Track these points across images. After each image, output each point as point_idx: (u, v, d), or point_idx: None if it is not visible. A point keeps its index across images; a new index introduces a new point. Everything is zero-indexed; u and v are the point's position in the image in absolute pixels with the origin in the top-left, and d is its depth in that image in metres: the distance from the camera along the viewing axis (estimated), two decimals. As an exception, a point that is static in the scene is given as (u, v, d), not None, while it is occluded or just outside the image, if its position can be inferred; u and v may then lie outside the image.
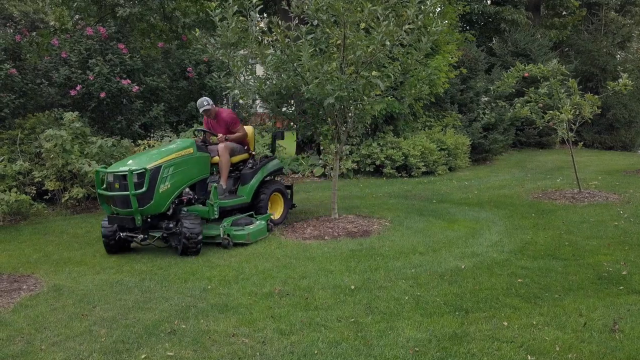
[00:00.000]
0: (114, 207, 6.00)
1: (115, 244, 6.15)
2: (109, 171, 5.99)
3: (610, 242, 6.15)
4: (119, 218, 5.98)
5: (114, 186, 5.87)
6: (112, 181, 5.90)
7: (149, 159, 6.06)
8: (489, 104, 14.80)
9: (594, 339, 3.73)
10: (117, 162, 6.29)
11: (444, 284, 4.92)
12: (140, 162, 6.02)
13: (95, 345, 3.88)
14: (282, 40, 6.29)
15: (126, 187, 5.76)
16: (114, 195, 5.88)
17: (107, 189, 5.97)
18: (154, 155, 6.19)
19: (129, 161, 6.14)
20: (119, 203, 5.91)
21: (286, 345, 3.78)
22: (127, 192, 5.76)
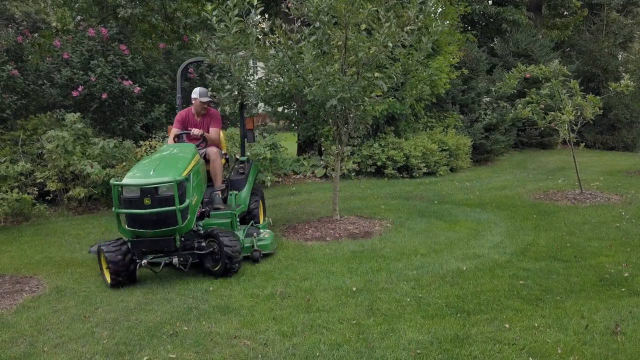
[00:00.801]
0: (140, 228, 4.97)
1: (129, 276, 5.08)
2: (141, 184, 4.88)
3: (612, 243, 6.14)
4: (150, 242, 5.02)
5: (143, 202, 4.86)
6: (139, 196, 4.88)
7: (175, 168, 5.18)
8: (490, 104, 14.79)
9: (596, 341, 3.73)
10: (132, 174, 5.10)
11: (446, 285, 4.92)
12: (168, 171, 5.07)
13: (97, 347, 3.89)
14: (285, 42, 6.29)
15: (161, 202, 4.88)
16: (147, 213, 4.87)
17: (130, 207, 4.91)
18: (174, 162, 5.32)
19: (150, 171, 5.07)
20: (150, 222, 4.92)
21: (288, 347, 3.78)
22: (169, 208, 4.88)
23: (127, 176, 5.07)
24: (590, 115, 8.69)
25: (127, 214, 4.97)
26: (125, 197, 4.93)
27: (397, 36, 6.25)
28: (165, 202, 4.90)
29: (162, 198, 4.89)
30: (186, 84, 10.89)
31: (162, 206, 4.88)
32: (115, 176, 8.63)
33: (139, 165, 5.34)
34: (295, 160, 12.38)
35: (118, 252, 5.01)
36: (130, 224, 5.01)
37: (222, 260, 5.21)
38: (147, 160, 5.47)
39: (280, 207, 8.74)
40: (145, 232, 5.00)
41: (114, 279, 5.04)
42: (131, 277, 5.11)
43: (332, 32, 6.42)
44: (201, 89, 6.36)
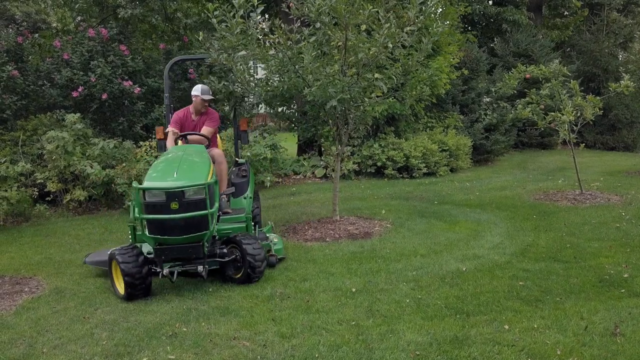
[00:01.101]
0: (166, 235, 4.67)
1: (146, 287, 4.76)
2: (168, 187, 4.59)
3: (611, 244, 6.14)
4: (177, 249, 4.73)
5: (170, 207, 4.57)
6: (165, 201, 4.58)
7: (199, 170, 4.96)
8: (490, 104, 14.78)
9: (595, 343, 3.73)
10: (154, 177, 4.80)
11: (445, 286, 4.92)
12: (193, 173, 4.86)
13: (96, 348, 3.89)
14: (285, 42, 6.29)
15: (190, 207, 4.62)
16: (177, 219, 4.59)
17: (155, 212, 4.61)
18: (194, 165, 5.07)
19: (172, 174, 4.80)
20: (177, 228, 4.63)
21: (287, 348, 3.78)
22: (200, 212, 4.65)
23: (149, 179, 4.74)
24: (590, 116, 8.68)
25: (152, 219, 4.63)
26: (148, 202, 4.60)
27: (397, 37, 6.25)
28: (194, 206, 4.63)
29: (190, 202, 4.62)
30: (186, 85, 10.90)
31: (192, 210, 4.61)
32: (115, 177, 8.64)
33: (157, 168, 4.99)
34: (296, 161, 12.38)
35: (135, 262, 4.65)
36: (154, 231, 4.66)
37: (245, 268, 4.99)
38: (163, 163, 5.11)
39: (280, 208, 8.74)
40: (172, 238, 4.67)
41: (130, 292, 4.68)
42: (147, 289, 4.78)
43: (333, 33, 6.42)
44: (203, 86, 6.16)
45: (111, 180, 8.69)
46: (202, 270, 4.85)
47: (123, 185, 8.59)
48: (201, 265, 4.84)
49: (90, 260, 5.55)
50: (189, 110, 6.18)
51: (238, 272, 5.08)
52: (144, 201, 4.62)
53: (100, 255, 5.54)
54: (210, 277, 5.30)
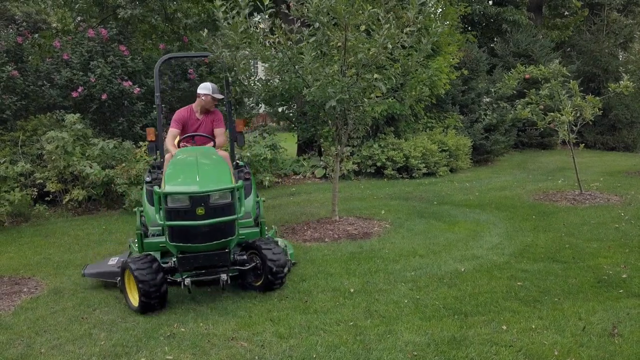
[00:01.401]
0: (191, 243, 4.40)
1: (161, 297, 4.45)
2: (201, 191, 4.34)
3: (610, 244, 6.14)
4: (203, 256, 4.48)
5: (196, 212, 4.31)
6: (190, 206, 4.32)
7: (222, 173, 4.71)
8: (490, 105, 14.77)
9: (593, 343, 3.73)
10: (174, 182, 4.50)
11: (444, 287, 4.92)
12: (216, 177, 4.61)
13: (94, 348, 3.90)
14: (285, 42, 6.29)
15: (215, 212, 4.37)
16: (204, 224, 4.34)
17: (179, 218, 4.36)
18: (215, 168, 4.82)
19: (191, 178, 4.53)
20: (204, 235, 4.38)
21: (285, 349, 3.79)
22: (228, 217, 4.45)
23: (170, 184, 4.46)
24: (589, 116, 8.68)
25: (176, 226, 4.36)
26: (171, 208, 4.33)
27: (397, 37, 6.25)
28: (221, 211, 4.40)
29: (217, 207, 4.37)
30: (185, 85, 10.90)
31: (218, 216, 4.38)
32: (115, 177, 8.65)
33: (176, 172, 4.68)
34: (295, 161, 12.39)
35: (149, 269, 4.37)
36: (179, 238, 4.40)
37: (265, 275, 4.74)
38: (180, 167, 4.80)
39: (280, 208, 8.74)
40: (198, 246, 4.41)
41: (144, 303, 4.36)
42: (163, 300, 4.48)
43: (332, 33, 6.42)
44: (213, 84, 5.76)
45: (111, 181, 8.70)
46: (225, 278, 4.57)
47: (123, 186, 8.60)
48: (224, 274, 4.58)
49: (89, 273, 5.21)
50: (192, 108, 5.81)
51: (258, 279, 4.84)
52: (166, 207, 4.35)
53: (100, 267, 5.29)
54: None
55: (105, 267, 5.21)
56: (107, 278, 5.10)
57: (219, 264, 4.58)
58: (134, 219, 8.04)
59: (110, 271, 5.11)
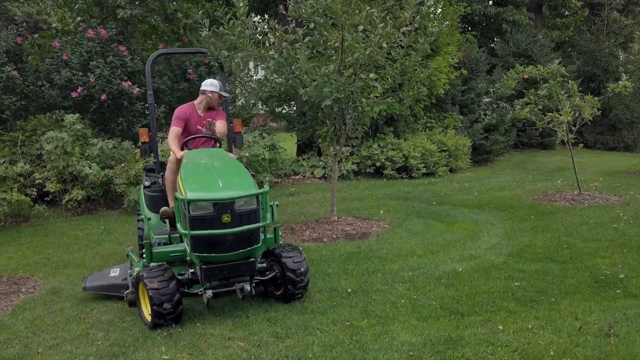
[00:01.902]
0: (217, 253, 4.11)
1: (179, 312, 4.16)
2: (226, 198, 4.03)
3: (608, 244, 6.14)
4: (229, 267, 4.18)
5: (222, 220, 4.01)
6: (214, 213, 4.02)
7: (244, 178, 4.40)
8: (490, 105, 14.77)
9: (589, 344, 3.73)
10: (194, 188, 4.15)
11: (441, 287, 4.93)
12: (239, 182, 4.30)
13: (91, 348, 3.91)
14: (280, 43, 6.30)
15: (242, 219, 4.08)
16: (230, 233, 4.05)
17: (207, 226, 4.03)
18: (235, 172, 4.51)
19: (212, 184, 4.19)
20: (230, 243, 4.09)
21: (281, 349, 3.79)
22: (255, 225, 4.17)
23: (191, 190, 4.12)
24: (588, 116, 8.68)
25: (203, 235, 4.04)
26: (194, 216, 4.01)
27: (393, 37, 6.26)
28: (247, 218, 4.12)
29: (242, 213, 4.09)
30: (185, 85, 10.92)
31: (245, 223, 4.10)
32: (114, 177, 8.66)
33: (194, 177, 4.36)
34: (295, 161, 12.40)
35: (164, 281, 4.08)
36: (203, 248, 4.08)
37: (285, 286, 4.51)
38: (196, 171, 4.48)
39: (279, 208, 8.66)
40: (224, 256, 4.13)
41: (157, 319, 4.08)
42: (179, 315, 4.18)
43: (329, 33, 6.43)
44: (218, 81, 5.42)
45: (110, 181, 8.71)
46: (248, 289, 4.30)
47: (122, 186, 8.61)
48: (246, 284, 4.32)
49: (91, 286, 4.89)
50: (194, 105, 5.43)
51: (279, 289, 4.59)
52: (189, 215, 4.02)
53: (102, 279, 4.98)
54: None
55: (108, 280, 4.92)
56: (110, 292, 4.85)
57: (246, 274, 4.30)
58: (132, 219, 8.08)
59: (114, 284, 4.86)
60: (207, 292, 4.21)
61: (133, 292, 4.45)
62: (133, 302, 4.45)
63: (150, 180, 5.34)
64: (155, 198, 5.13)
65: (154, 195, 5.16)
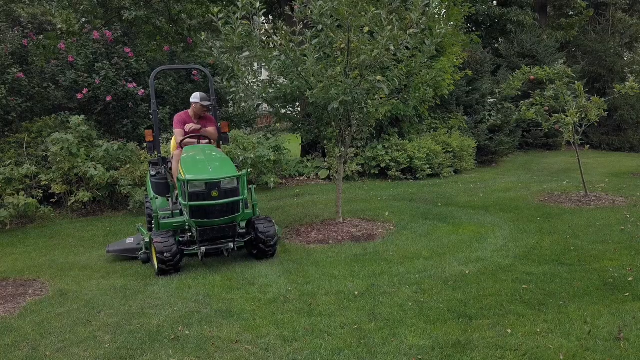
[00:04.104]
0: (208, 219, 5.50)
1: (177, 263, 5.56)
2: (214, 178, 5.45)
3: (616, 247, 6.10)
4: (218, 229, 5.62)
5: (211, 195, 5.42)
6: (205, 190, 5.42)
7: (226, 165, 5.76)
8: (495, 105, 14.73)
9: (599, 348, 3.71)
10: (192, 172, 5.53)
11: (448, 289, 4.91)
12: (223, 167, 5.66)
13: (99, 351, 3.91)
14: (287, 44, 6.30)
15: (226, 194, 5.49)
16: (218, 204, 5.45)
17: (200, 199, 5.42)
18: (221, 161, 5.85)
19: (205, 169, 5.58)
20: (218, 212, 5.51)
21: (289, 352, 3.78)
22: (237, 198, 5.56)
23: (190, 173, 5.49)
24: (594, 117, 8.64)
25: (198, 206, 5.43)
26: (192, 192, 5.42)
27: (400, 39, 6.24)
28: (230, 193, 5.52)
29: (227, 190, 5.49)
30: (190, 86, 10.93)
31: (229, 197, 5.50)
32: (120, 178, 8.67)
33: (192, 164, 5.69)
34: (299, 162, 12.38)
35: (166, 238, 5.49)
36: (198, 215, 5.48)
37: (257, 245, 5.88)
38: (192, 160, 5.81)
39: (284, 210, 8.74)
40: (214, 221, 5.54)
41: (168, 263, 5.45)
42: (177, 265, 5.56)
43: (335, 35, 6.42)
44: (201, 93, 6.66)
45: (115, 182, 8.73)
46: (232, 247, 5.76)
47: (127, 187, 8.62)
48: (232, 243, 5.75)
49: (113, 249, 6.29)
50: (188, 113, 6.65)
51: (255, 249, 5.96)
52: (188, 191, 5.41)
53: (121, 245, 6.37)
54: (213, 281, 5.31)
55: (126, 245, 6.31)
56: (128, 254, 6.21)
57: (230, 235, 5.72)
58: (138, 221, 8.12)
59: (131, 248, 6.24)
60: (201, 248, 5.62)
61: (146, 252, 5.96)
62: (145, 260, 5.95)
63: (156, 170, 6.54)
64: (160, 184, 6.41)
65: (159, 182, 6.42)
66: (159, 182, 6.41)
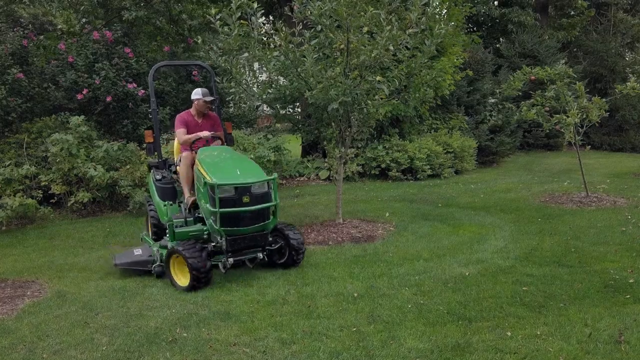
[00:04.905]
0: (239, 227, 5.09)
1: (209, 275, 5.09)
2: (246, 182, 5.06)
3: (617, 248, 6.07)
4: (249, 238, 5.19)
5: (242, 200, 5.02)
6: (235, 195, 5.02)
7: (254, 167, 5.44)
8: (495, 106, 14.70)
9: (599, 350, 3.68)
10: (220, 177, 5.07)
11: (448, 291, 4.88)
12: (252, 171, 5.31)
13: (96, 354, 3.88)
14: (286, 45, 6.28)
15: (257, 200, 5.09)
16: (249, 210, 5.05)
17: (230, 205, 5.00)
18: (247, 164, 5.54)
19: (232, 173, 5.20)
20: (248, 219, 5.11)
21: (287, 355, 3.76)
22: (270, 203, 5.18)
23: (217, 176, 5.05)
24: (595, 118, 8.61)
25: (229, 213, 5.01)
26: (220, 197, 4.97)
27: (399, 39, 6.22)
28: (262, 198, 5.14)
29: (258, 195, 5.11)
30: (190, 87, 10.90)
31: (260, 203, 5.12)
32: (120, 179, 8.65)
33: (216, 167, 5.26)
34: (300, 163, 12.36)
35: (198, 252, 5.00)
36: (228, 223, 5.06)
37: (289, 252, 5.52)
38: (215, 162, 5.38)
39: (284, 210, 8.71)
40: (245, 229, 5.13)
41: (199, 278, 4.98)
42: (210, 278, 5.14)
43: (335, 35, 6.40)
44: (203, 89, 6.19)
45: (115, 183, 8.71)
46: (261, 257, 5.39)
47: (127, 188, 8.60)
48: (260, 253, 5.37)
49: (121, 262, 5.69)
50: (190, 113, 6.18)
51: (282, 257, 5.60)
52: (216, 196, 4.96)
53: (130, 257, 5.76)
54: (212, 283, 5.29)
55: (135, 257, 5.70)
56: (139, 267, 5.63)
57: (261, 244, 5.34)
58: (138, 221, 8.11)
59: (141, 260, 5.64)
60: (229, 259, 5.16)
61: (161, 265, 5.41)
62: (160, 273, 5.41)
63: (162, 173, 6.17)
64: (166, 189, 6.04)
65: (165, 187, 6.05)
66: (165, 187, 6.06)
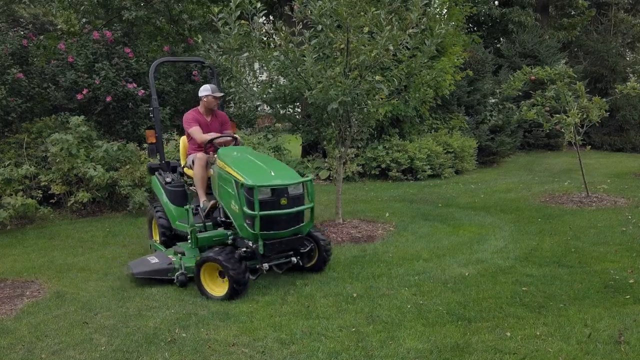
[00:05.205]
0: (275, 230, 4.88)
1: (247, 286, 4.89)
2: (283, 184, 4.87)
3: (617, 248, 6.06)
4: (286, 242, 4.99)
5: (280, 202, 4.83)
6: (272, 197, 4.83)
7: (286, 168, 5.30)
8: (496, 105, 14.69)
9: (599, 351, 3.67)
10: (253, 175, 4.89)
11: (447, 292, 4.87)
12: (285, 172, 5.15)
13: (95, 354, 3.88)
14: (286, 45, 6.27)
15: (295, 202, 4.93)
16: (286, 213, 4.87)
17: (268, 208, 4.80)
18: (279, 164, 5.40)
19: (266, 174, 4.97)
20: (285, 222, 4.92)
21: (286, 355, 3.75)
22: (307, 206, 5.05)
23: (253, 178, 4.83)
24: (596, 118, 8.60)
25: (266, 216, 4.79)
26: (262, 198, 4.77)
27: (399, 39, 6.21)
28: (298, 200, 4.99)
29: (294, 197, 4.95)
30: (190, 87, 10.90)
31: (297, 205, 4.97)
32: (119, 179, 8.65)
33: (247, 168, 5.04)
34: (299, 163, 12.36)
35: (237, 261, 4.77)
36: (265, 227, 4.80)
37: (320, 254, 5.40)
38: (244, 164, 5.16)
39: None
40: (282, 232, 4.94)
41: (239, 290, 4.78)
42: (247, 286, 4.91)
43: (335, 35, 6.39)
44: (211, 85, 6.02)
45: (115, 183, 8.70)
46: (295, 261, 5.20)
47: (127, 188, 8.59)
48: (294, 257, 5.20)
49: (139, 272, 5.26)
50: (198, 111, 6.03)
51: (311, 260, 5.46)
52: (252, 199, 4.74)
53: (147, 266, 5.34)
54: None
55: (153, 266, 5.31)
56: (159, 276, 5.26)
57: (298, 248, 5.17)
58: (137, 221, 8.10)
59: (161, 269, 5.27)
60: (264, 265, 4.94)
61: (184, 273, 5.09)
62: (184, 282, 5.08)
63: (172, 176, 6.05)
64: (177, 192, 5.89)
65: (176, 190, 5.90)
66: (176, 190, 5.90)
